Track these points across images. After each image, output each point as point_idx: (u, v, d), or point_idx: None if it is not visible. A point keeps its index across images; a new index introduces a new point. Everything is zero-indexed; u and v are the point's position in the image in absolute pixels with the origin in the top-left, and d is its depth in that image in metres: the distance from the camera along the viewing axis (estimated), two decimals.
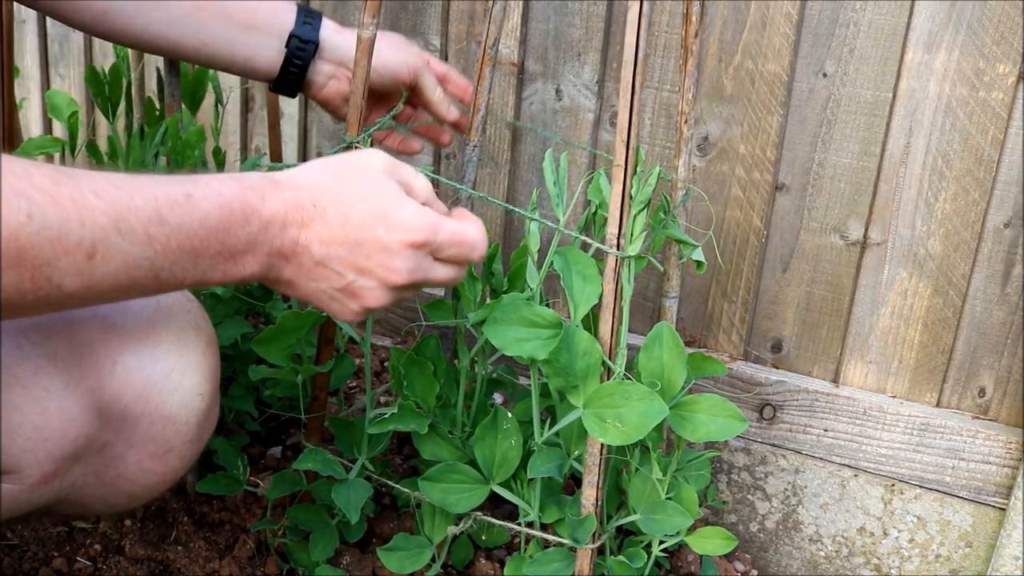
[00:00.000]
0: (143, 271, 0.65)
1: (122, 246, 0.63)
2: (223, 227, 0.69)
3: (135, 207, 0.64)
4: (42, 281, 0.60)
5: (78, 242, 0.61)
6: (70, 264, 0.61)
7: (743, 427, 0.92)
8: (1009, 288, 1.14)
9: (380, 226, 0.74)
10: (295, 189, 0.73)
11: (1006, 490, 1.16)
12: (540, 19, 1.32)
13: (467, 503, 0.97)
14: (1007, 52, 1.09)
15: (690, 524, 0.99)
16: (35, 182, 0.60)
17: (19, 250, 0.58)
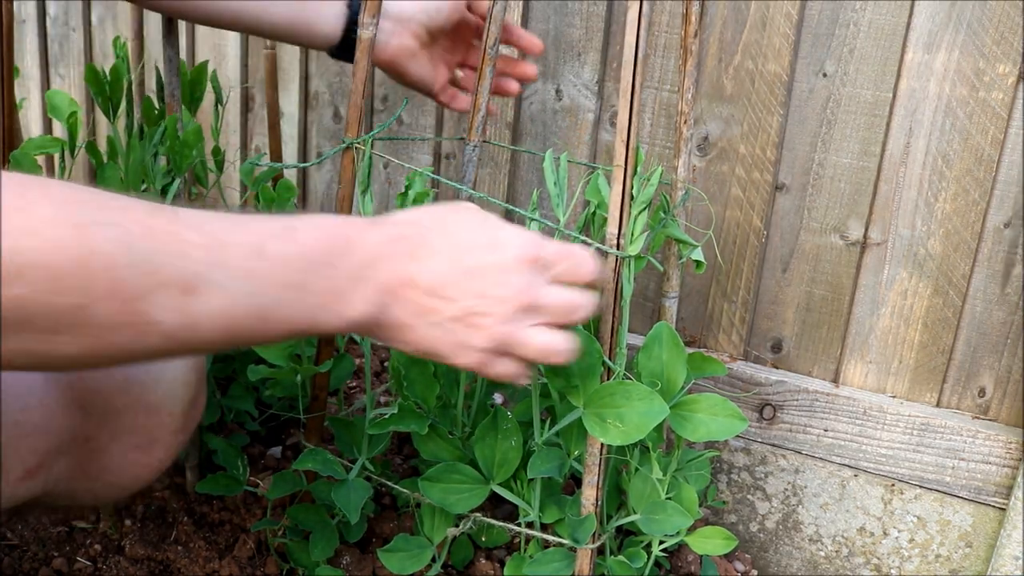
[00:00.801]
0: (246, 310, 0.62)
1: (222, 282, 0.60)
2: (325, 260, 0.66)
3: (233, 242, 0.62)
4: (137, 316, 0.57)
5: (175, 276, 0.58)
6: (167, 299, 0.58)
7: (743, 426, 0.92)
8: (1009, 288, 1.14)
9: (488, 247, 0.72)
10: (395, 224, 0.71)
11: (1006, 490, 1.16)
12: (540, 19, 1.32)
13: (467, 503, 0.97)
14: (1007, 52, 1.09)
15: (690, 524, 0.99)
16: (132, 214, 0.58)
17: (113, 282, 0.56)
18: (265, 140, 1.57)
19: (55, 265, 0.53)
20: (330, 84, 1.51)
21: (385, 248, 0.69)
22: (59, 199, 0.55)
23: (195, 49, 1.62)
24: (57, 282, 0.53)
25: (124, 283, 0.56)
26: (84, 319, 0.55)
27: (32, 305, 0.53)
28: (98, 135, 1.75)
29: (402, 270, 0.69)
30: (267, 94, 1.49)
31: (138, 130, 1.11)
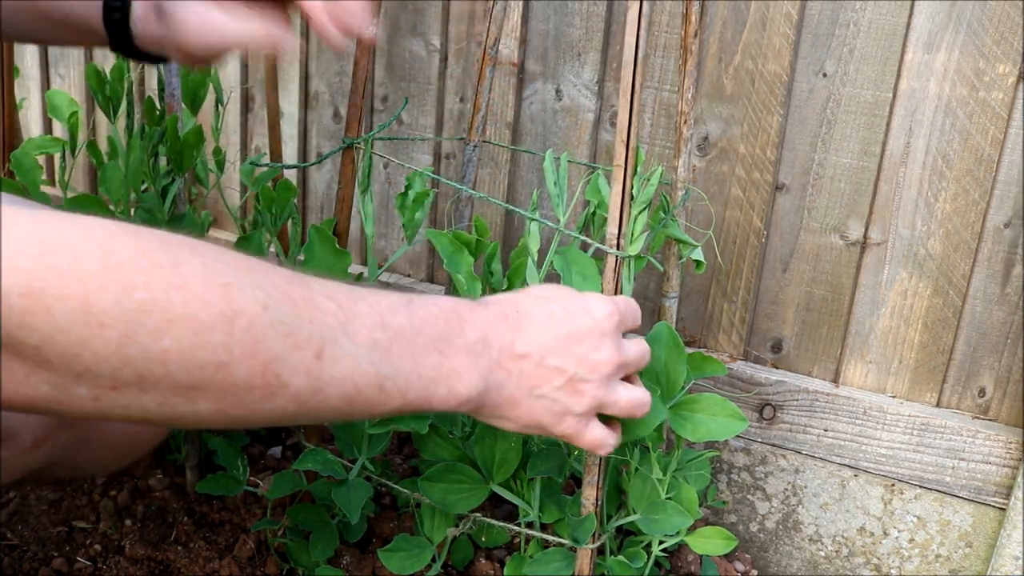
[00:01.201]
0: (368, 378, 0.64)
1: (348, 348, 0.62)
2: (442, 336, 0.68)
3: (360, 311, 0.64)
4: (271, 377, 0.59)
5: (308, 339, 0.60)
6: (299, 362, 0.60)
7: (743, 426, 0.92)
8: (1009, 288, 1.14)
9: (582, 312, 0.76)
10: (498, 303, 0.74)
11: (1006, 490, 1.16)
12: (540, 19, 1.32)
13: (467, 503, 0.97)
14: (1007, 52, 1.09)
15: (690, 524, 0.99)
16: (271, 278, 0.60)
17: (253, 342, 0.57)
18: (265, 140, 1.57)
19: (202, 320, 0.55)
20: (330, 84, 1.51)
21: (493, 326, 0.72)
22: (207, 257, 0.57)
23: None
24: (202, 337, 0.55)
25: (263, 343, 0.57)
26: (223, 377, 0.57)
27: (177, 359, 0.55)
28: (98, 135, 1.75)
29: (510, 344, 0.72)
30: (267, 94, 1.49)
31: (139, 130, 1.11)
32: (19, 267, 0.49)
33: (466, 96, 1.40)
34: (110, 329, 0.52)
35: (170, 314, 0.54)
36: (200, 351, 0.55)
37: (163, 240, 0.55)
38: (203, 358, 0.55)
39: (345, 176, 1.09)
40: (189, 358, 0.55)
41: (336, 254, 1.01)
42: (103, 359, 0.53)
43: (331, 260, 1.01)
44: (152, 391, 0.55)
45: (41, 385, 0.53)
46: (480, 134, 1.16)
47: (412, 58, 1.42)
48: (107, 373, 0.53)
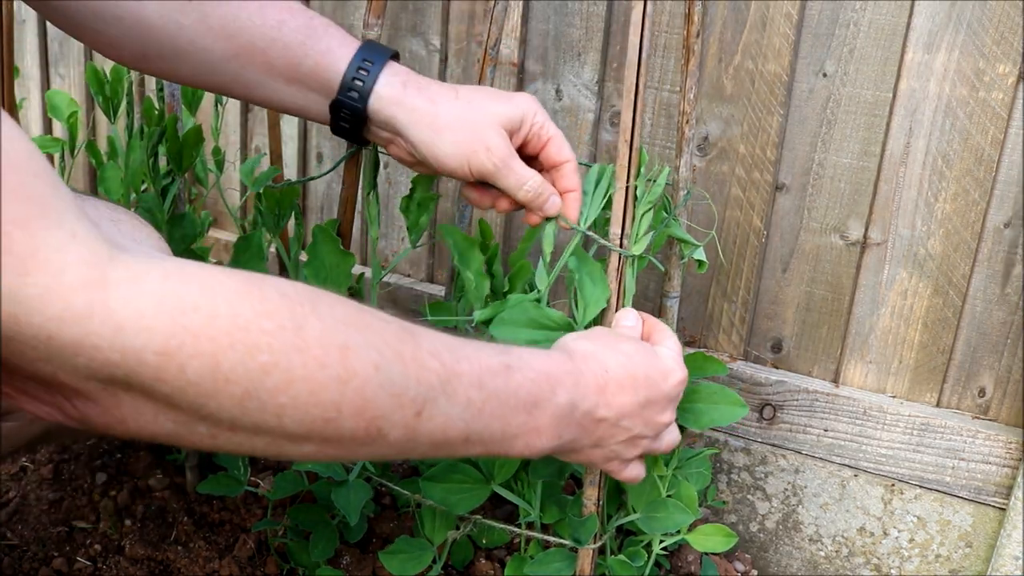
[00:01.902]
0: (456, 432, 0.67)
1: (445, 407, 0.66)
2: (532, 401, 0.72)
3: (462, 371, 0.67)
4: (374, 431, 0.62)
5: (412, 399, 0.63)
6: (400, 419, 0.63)
7: (743, 412, 0.94)
8: (1009, 288, 1.15)
9: (662, 378, 0.81)
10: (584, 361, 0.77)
11: (1006, 490, 1.16)
12: (540, 19, 1.32)
13: (469, 503, 0.97)
14: (1007, 52, 1.09)
15: (691, 521, 0.99)
16: (385, 337, 0.63)
17: (363, 401, 0.61)
18: (265, 140, 1.57)
19: (318, 381, 0.58)
20: None
21: (581, 390, 0.75)
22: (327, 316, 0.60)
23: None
24: (316, 396, 0.58)
25: (372, 402, 0.61)
26: (330, 431, 0.60)
27: (291, 413, 0.58)
28: (98, 135, 1.75)
29: (593, 408, 0.76)
30: None
31: (138, 130, 1.11)
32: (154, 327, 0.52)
33: None
34: (235, 385, 0.55)
35: (290, 375, 0.57)
36: (313, 408, 0.59)
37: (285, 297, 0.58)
38: (315, 414, 0.59)
39: (348, 177, 1.09)
40: (302, 413, 0.58)
41: (340, 255, 1.00)
42: (225, 409, 0.56)
43: (335, 261, 1.01)
44: (264, 436, 0.59)
45: (167, 423, 0.57)
46: None
47: (412, 58, 1.42)
48: (227, 419, 0.57)
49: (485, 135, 0.88)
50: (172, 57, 0.88)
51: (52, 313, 0.49)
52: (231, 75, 0.89)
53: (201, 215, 1.46)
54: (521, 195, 0.90)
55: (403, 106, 0.88)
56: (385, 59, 0.88)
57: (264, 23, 0.87)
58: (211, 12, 0.86)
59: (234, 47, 0.87)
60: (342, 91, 0.88)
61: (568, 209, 0.92)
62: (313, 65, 0.88)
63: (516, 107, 0.89)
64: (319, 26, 0.89)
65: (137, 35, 0.86)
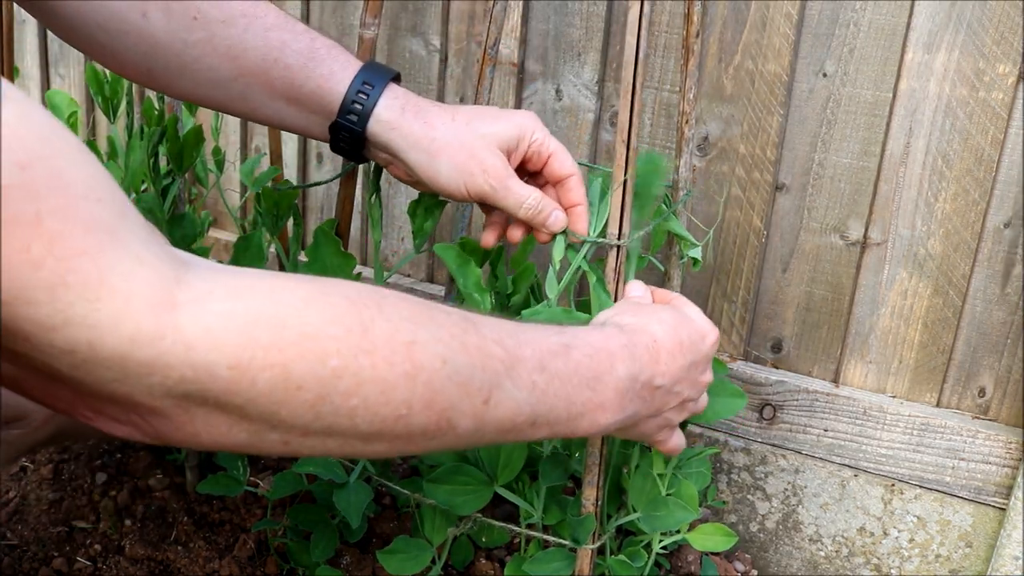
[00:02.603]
0: (524, 417, 0.68)
1: (512, 392, 0.67)
2: (594, 376, 0.73)
3: (524, 356, 0.68)
4: (444, 423, 0.63)
5: (479, 387, 0.65)
6: (468, 407, 0.64)
7: (743, 403, 0.96)
8: (1009, 288, 1.14)
9: (701, 341, 0.83)
10: (635, 333, 0.79)
11: (1006, 490, 1.16)
12: (540, 19, 1.32)
13: (472, 504, 0.97)
14: (1007, 52, 1.09)
15: (691, 519, 0.99)
16: (448, 329, 0.64)
17: (432, 394, 0.62)
18: (265, 140, 1.57)
19: (388, 380, 0.59)
20: None
21: (638, 362, 0.77)
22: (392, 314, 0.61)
23: None
24: (386, 395, 0.59)
25: (440, 394, 0.62)
26: (402, 426, 0.61)
27: (363, 414, 0.59)
28: (98, 135, 1.75)
29: (651, 377, 0.78)
30: None
31: (138, 130, 1.11)
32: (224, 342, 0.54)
33: (466, 96, 1.40)
34: (306, 392, 0.57)
35: (360, 377, 0.58)
36: (384, 407, 0.60)
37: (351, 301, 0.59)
38: (386, 413, 0.60)
39: (346, 177, 1.09)
40: (373, 413, 0.59)
41: (341, 257, 1.00)
42: (297, 415, 0.57)
43: (336, 263, 1.01)
44: (337, 437, 0.60)
45: (240, 433, 0.58)
46: None
47: (412, 58, 1.42)
48: (300, 425, 0.58)
49: (481, 157, 0.89)
50: (177, 74, 0.89)
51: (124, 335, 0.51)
52: (234, 94, 0.90)
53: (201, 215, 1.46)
54: (522, 214, 0.90)
55: (400, 131, 0.89)
56: (385, 82, 0.89)
57: (267, 44, 0.88)
58: (217, 32, 0.87)
59: (238, 67, 0.88)
60: (341, 114, 0.89)
61: (576, 223, 0.92)
62: (315, 87, 0.89)
63: (513, 126, 0.90)
64: (321, 48, 0.90)
65: (142, 50, 0.87)
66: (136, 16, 0.85)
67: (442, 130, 0.89)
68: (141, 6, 0.85)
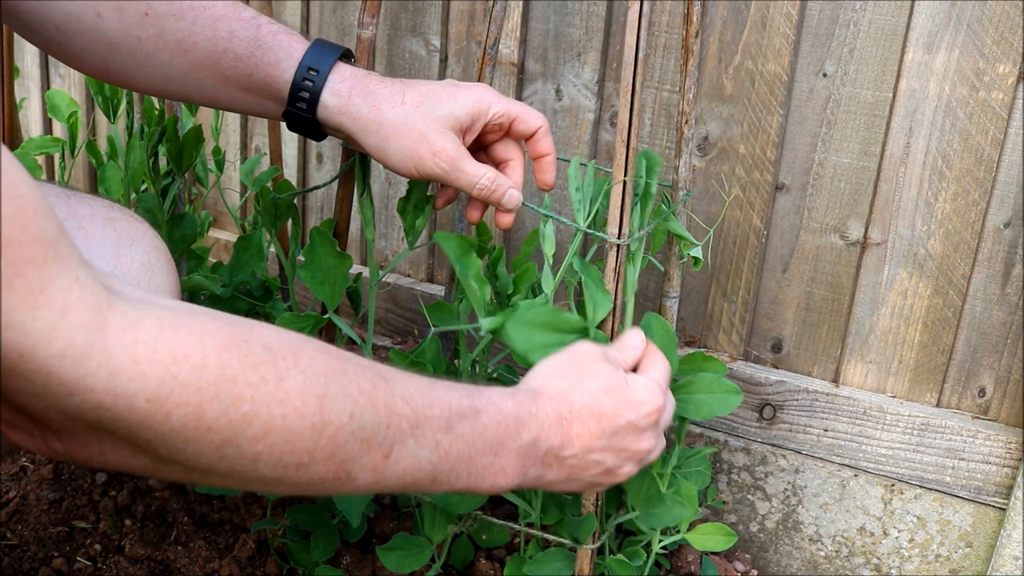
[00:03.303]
0: (424, 473, 0.70)
1: (414, 449, 0.68)
2: (499, 443, 0.74)
3: (431, 416, 0.69)
4: (342, 474, 0.65)
5: (381, 443, 0.66)
6: (369, 462, 0.66)
7: (739, 399, 0.94)
8: (1009, 288, 1.14)
9: (628, 410, 0.80)
10: (550, 400, 0.78)
11: (1006, 490, 1.16)
12: (540, 19, 1.32)
13: (471, 502, 0.97)
14: (1007, 52, 1.09)
15: (690, 515, 0.99)
16: (359, 385, 0.65)
17: (335, 447, 0.63)
18: (265, 140, 1.57)
19: (295, 431, 0.61)
20: None
21: (545, 431, 0.77)
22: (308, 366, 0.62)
23: None
24: (291, 444, 0.61)
25: (343, 448, 0.63)
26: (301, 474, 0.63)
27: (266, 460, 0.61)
28: (98, 135, 1.75)
29: (558, 447, 0.77)
30: None
31: (138, 130, 1.11)
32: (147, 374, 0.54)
33: None
34: (215, 433, 0.58)
35: (269, 425, 0.60)
36: (288, 455, 0.61)
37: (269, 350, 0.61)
38: (288, 460, 0.61)
39: (345, 176, 1.09)
40: (276, 459, 0.61)
41: (338, 257, 1.00)
42: (203, 454, 0.58)
43: (332, 263, 1.01)
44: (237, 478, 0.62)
45: (144, 461, 0.59)
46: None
47: (412, 58, 1.42)
48: (203, 464, 0.59)
49: (431, 140, 0.88)
50: (133, 70, 0.90)
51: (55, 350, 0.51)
52: (192, 86, 0.91)
53: (201, 215, 1.46)
54: (475, 193, 0.91)
55: (348, 115, 0.89)
56: (331, 63, 0.89)
57: (216, 35, 0.88)
58: (167, 27, 0.87)
59: (190, 61, 0.89)
60: (291, 103, 0.90)
61: (543, 173, 0.94)
62: (264, 76, 0.90)
63: (469, 103, 0.90)
64: (267, 36, 0.90)
65: (99, 49, 0.88)
66: (91, 16, 0.86)
67: (391, 114, 0.88)
68: (95, 6, 0.86)
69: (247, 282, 1.28)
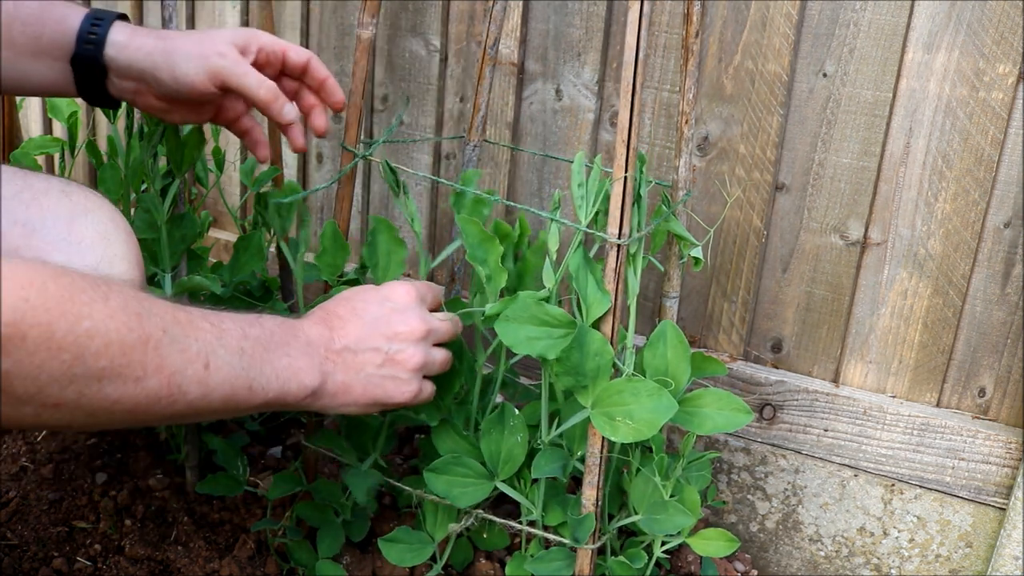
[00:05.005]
0: (242, 381, 0.78)
1: (226, 358, 0.76)
2: (285, 340, 0.84)
3: (228, 328, 0.78)
4: (174, 389, 0.72)
5: (197, 353, 0.74)
6: (194, 374, 0.73)
7: (748, 419, 0.94)
8: (1009, 288, 1.15)
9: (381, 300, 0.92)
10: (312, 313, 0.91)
11: (1006, 490, 1.16)
12: (540, 19, 1.32)
13: (471, 497, 0.97)
14: (1007, 52, 1.09)
15: (692, 523, 0.99)
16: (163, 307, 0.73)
17: (161, 359, 0.70)
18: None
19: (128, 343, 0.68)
20: None
21: (315, 329, 0.88)
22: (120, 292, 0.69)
23: None
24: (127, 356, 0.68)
25: (168, 360, 0.71)
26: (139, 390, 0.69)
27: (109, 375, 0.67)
28: (98, 135, 1.75)
29: (328, 340, 0.88)
30: None
31: (138, 130, 1.11)
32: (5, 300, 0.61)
33: (466, 96, 1.40)
34: (65, 352, 0.64)
35: (107, 339, 0.66)
36: (126, 368, 0.68)
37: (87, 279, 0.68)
38: (127, 374, 0.68)
39: (345, 177, 1.09)
40: (117, 374, 0.67)
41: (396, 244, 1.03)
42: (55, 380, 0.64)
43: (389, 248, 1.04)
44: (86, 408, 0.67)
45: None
46: (480, 134, 1.16)
47: (412, 58, 1.42)
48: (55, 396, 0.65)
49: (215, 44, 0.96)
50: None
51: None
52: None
53: (201, 215, 1.46)
54: (262, 93, 0.96)
55: (134, 44, 0.95)
56: (113, 17, 0.96)
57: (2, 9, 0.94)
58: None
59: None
60: (79, 46, 0.95)
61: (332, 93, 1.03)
62: (51, 33, 0.95)
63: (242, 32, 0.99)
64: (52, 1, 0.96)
65: None
66: None
67: (176, 38, 0.96)
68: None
69: (247, 282, 1.28)
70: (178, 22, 1.08)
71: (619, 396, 0.87)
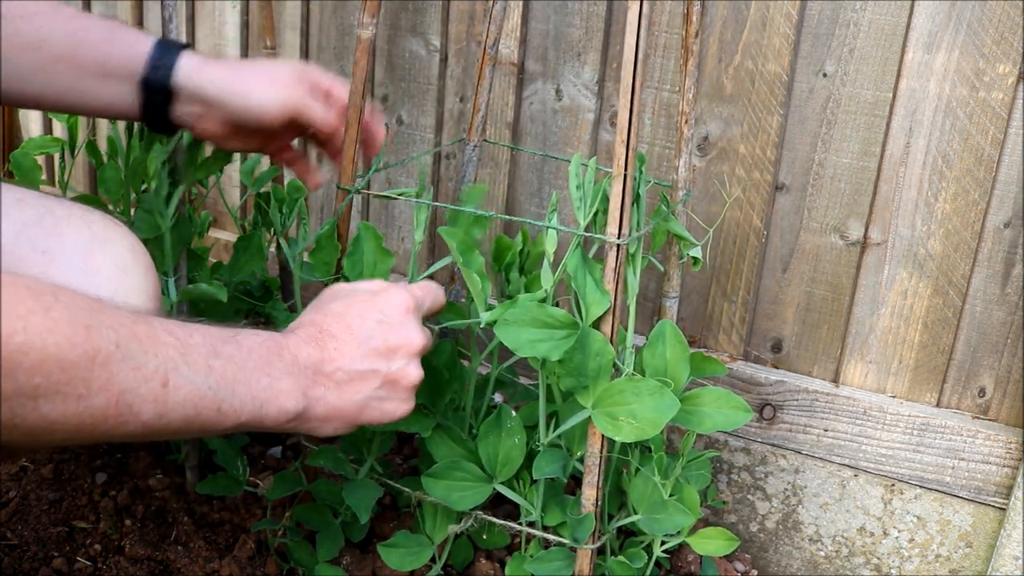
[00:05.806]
0: (207, 401, 0.72)
1: (189, 375, 0.70)
2: (266, 360, 0.77)
3: (195, 343, 0.72)
4: (124, 408, 0.66)
5: (154, 370, 0.68)
6: (149, 392, 0.67)
7: (748, 417, 0.94)
8: (1009, 288, 1.15)
9: (377, 313, 0.86)
10: (302, 327, 0.84)
11: (1006, 490, 1.16)
12: (540, 19, 1.32)
13: (470, 500, 0.97)
14: (1007, 52, 1.09)
15: (692, 523, 0.99)
16: (121, 319, 0.67)
17: (109, 376, 0.65)
18: None
19: (69, 359, 0.62)
20: None
21: (303, 348, 0.81)
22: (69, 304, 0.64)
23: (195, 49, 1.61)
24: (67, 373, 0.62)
25: (117, 377, 0.65)
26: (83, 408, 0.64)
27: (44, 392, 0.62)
28: (98, 135, 1.75)
29: (318, 360, 0.82)
30: None
31: (139, 130, 1.11)
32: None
33: (466, 96, 1.40)
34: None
35: (44, 355, 0.61)
36: (66, 386, 0.63)
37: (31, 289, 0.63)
38: (68, 391, 0.63)
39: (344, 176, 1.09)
40: (55, 391, 0.62)
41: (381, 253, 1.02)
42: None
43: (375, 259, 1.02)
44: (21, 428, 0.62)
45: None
46: (480, 134, 1.16)
47: (412, 58, 1.42)
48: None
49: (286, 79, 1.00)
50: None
51: None
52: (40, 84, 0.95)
53: (201, 215, 1.46)
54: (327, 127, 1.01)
55: (211, 74, 0.98)
56: (181, 46, 0.99)
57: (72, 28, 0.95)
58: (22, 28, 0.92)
59: (41, 58, 0.94)
60: (149, 70, 0.96)
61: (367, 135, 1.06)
62: (120, 55, 0.96)
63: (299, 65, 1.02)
64: (119, 26, 0.98)
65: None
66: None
67: (245, 68, 1.00)
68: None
69: (247, 282, 1.28)
70: (178, 22, 1.07)
71: (621, 396, 0.87)
